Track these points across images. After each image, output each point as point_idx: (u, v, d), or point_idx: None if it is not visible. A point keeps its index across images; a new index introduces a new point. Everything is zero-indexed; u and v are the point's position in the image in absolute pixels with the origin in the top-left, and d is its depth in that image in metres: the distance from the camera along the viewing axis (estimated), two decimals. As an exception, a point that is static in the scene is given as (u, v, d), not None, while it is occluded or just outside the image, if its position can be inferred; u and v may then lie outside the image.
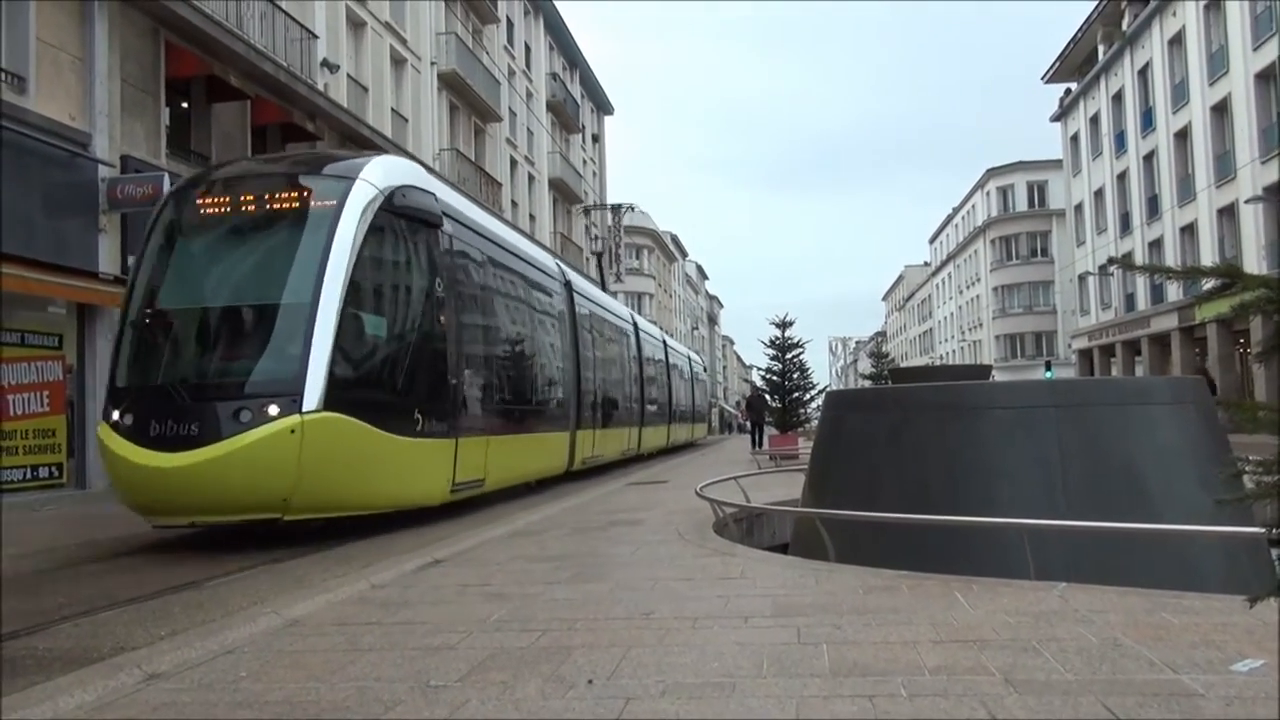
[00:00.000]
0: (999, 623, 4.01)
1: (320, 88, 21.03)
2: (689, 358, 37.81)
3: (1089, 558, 5.93)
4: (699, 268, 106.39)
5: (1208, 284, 2.43)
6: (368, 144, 22.46)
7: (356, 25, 24.57)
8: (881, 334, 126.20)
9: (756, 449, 24.14)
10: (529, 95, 40.55)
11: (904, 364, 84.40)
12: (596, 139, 55.41)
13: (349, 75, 23.64)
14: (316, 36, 21.59)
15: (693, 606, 4.62)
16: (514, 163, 38.00)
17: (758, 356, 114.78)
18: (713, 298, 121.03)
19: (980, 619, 4.11)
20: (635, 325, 24.52)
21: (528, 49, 41.06)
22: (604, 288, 28.42)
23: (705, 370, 34.52)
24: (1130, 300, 42.00)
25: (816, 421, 32.16)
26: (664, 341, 30.52)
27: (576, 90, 49.02)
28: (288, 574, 6.60)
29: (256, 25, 19.14)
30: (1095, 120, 45.76)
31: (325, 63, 21.93)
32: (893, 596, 4.69)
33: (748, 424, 33.16)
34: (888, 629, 3.99)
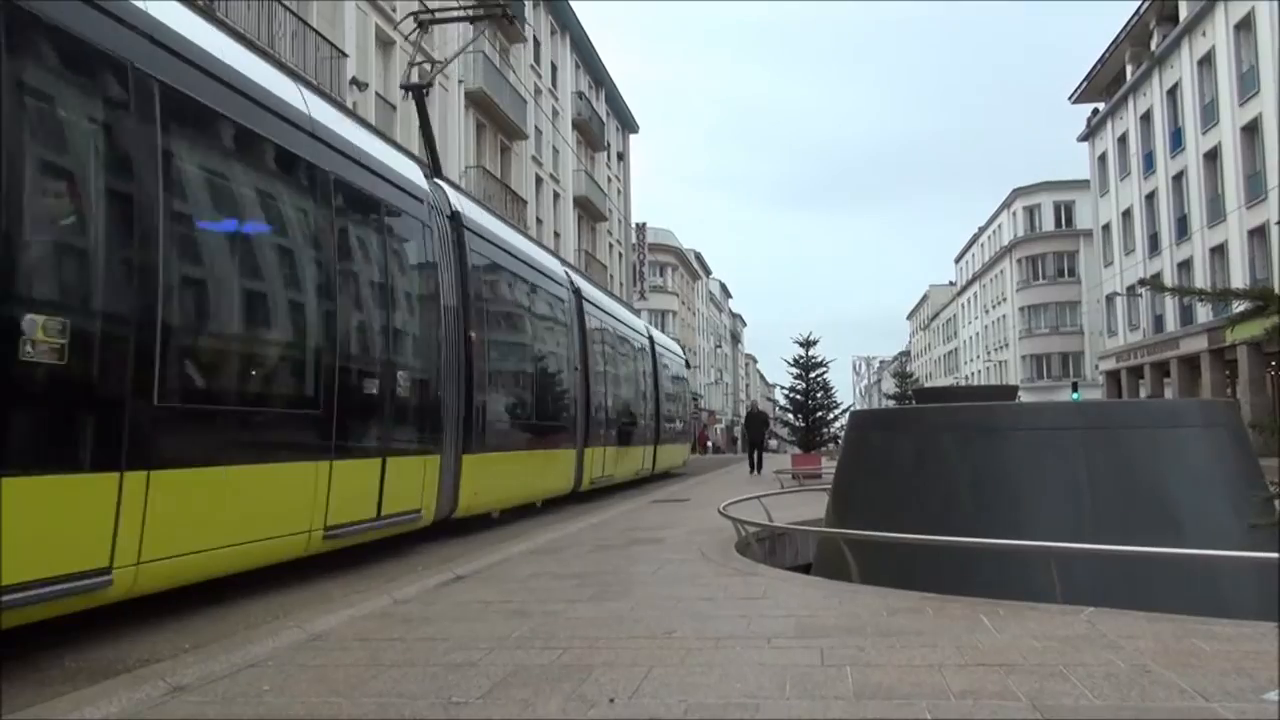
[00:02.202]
0: (1025, 647, 3.97)
1: (350, 106, 21.25)
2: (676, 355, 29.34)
3: (1117, 582, 5.85)
4: (722, 286, 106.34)
5: (1239, 306, 2.41)
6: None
7: (385, 44, 24.86)
8: (906, 353, 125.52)
9: (755, 471, 22.06)
10: (555, 113, 40.82)
11: (928, 384, 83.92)
12: (621, 157, 55.63)
13: (377, 93, 23.90)
14: (346, 55, 21.85)
15: (715, 626, 4.59)
16: (539, 180, 38.22)
17: (781, 375, 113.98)
18: (736, 316, 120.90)
19: (1006, 643, 4.06)
20: (651, 338, 22.51)
21: (554, 68, 41.36)
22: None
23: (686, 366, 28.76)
24: (1159, 321, 41.56)
25: (840, 441, 32.02)
26: (677, 353, 27.43)
27: (602, 108, 49.28)
28: (310, 588, 6.62)
29: (288, 44, 19.40)
30: (1123, 140, 45.45)
31: (354, 81, 22.19)
32: (917, 619, 4.64)
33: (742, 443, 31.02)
34: (912, 652, 3.95)
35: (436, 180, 10.02)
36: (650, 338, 22.65)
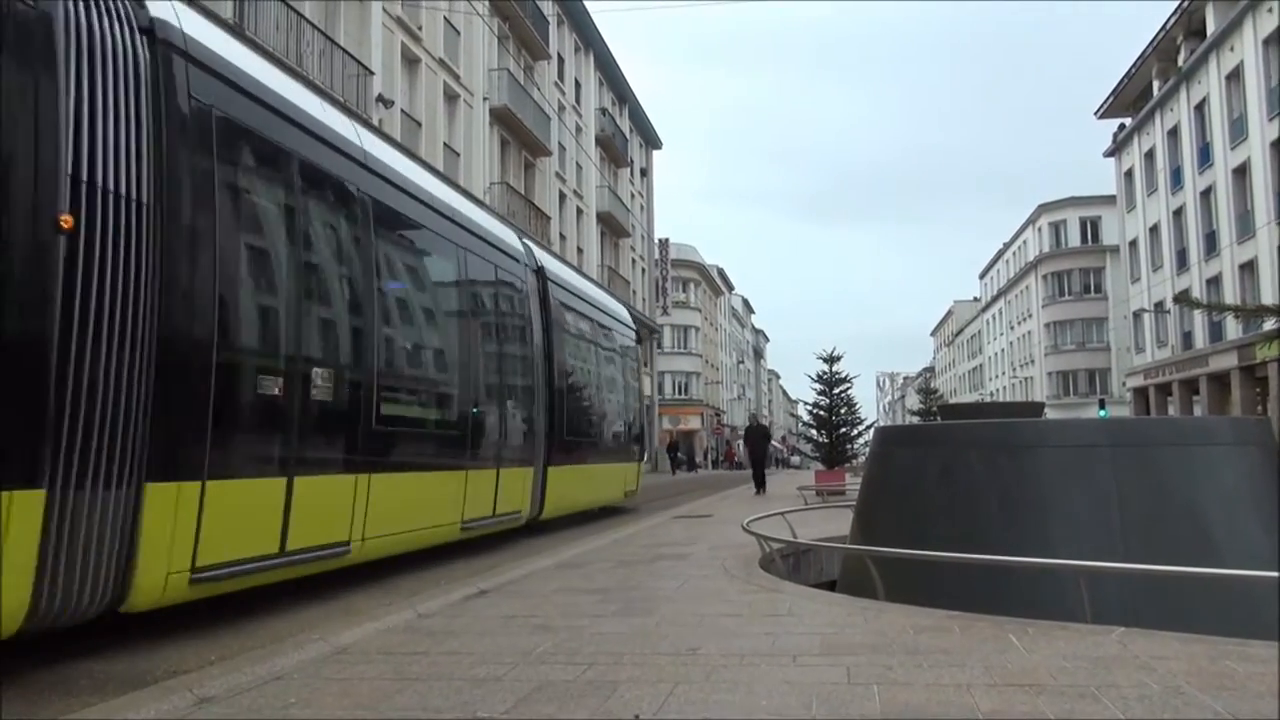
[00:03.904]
0: (1055, 667, 3.91)
1: (375, 123, 21.47)
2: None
3: (1148, 602, 5.77)
4: (745, 301, 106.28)
5: (1269, 322, 2.36)
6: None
7: (411, 62, 25.11)
8: (930, 369, 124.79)
9: (759, 491, 20.26)
10: (578, 130, 41.05)
11: (953, 400, 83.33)
12: (645, 173, 55.84)
13: (403, 110, 24.14)
14: (372, 73, 22.10)
15: (740, 643, 4.56)
16: (563, 196, 38.41)
17: (804, 391, 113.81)
18: (759, 331, 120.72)
19: (1036, 663, 4.01)
20: (637, 331, 18.59)
21: (578, 85, 41.62)
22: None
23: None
24: (1188, 338, 41.11)
25: (864, 457, 31.79)
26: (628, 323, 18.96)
27: (625, 125, 49.52)
28: (335, 602, 6.64)
29: (315, 62, 19.66)
30: (1150, 156, 45.11)
31: (380, 98, 22.42)
32: (944, 637, 4.59)
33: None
34: (940, 671, 3.91)
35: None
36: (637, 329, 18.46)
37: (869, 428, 23.36)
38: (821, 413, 22.64)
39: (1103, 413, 45.25)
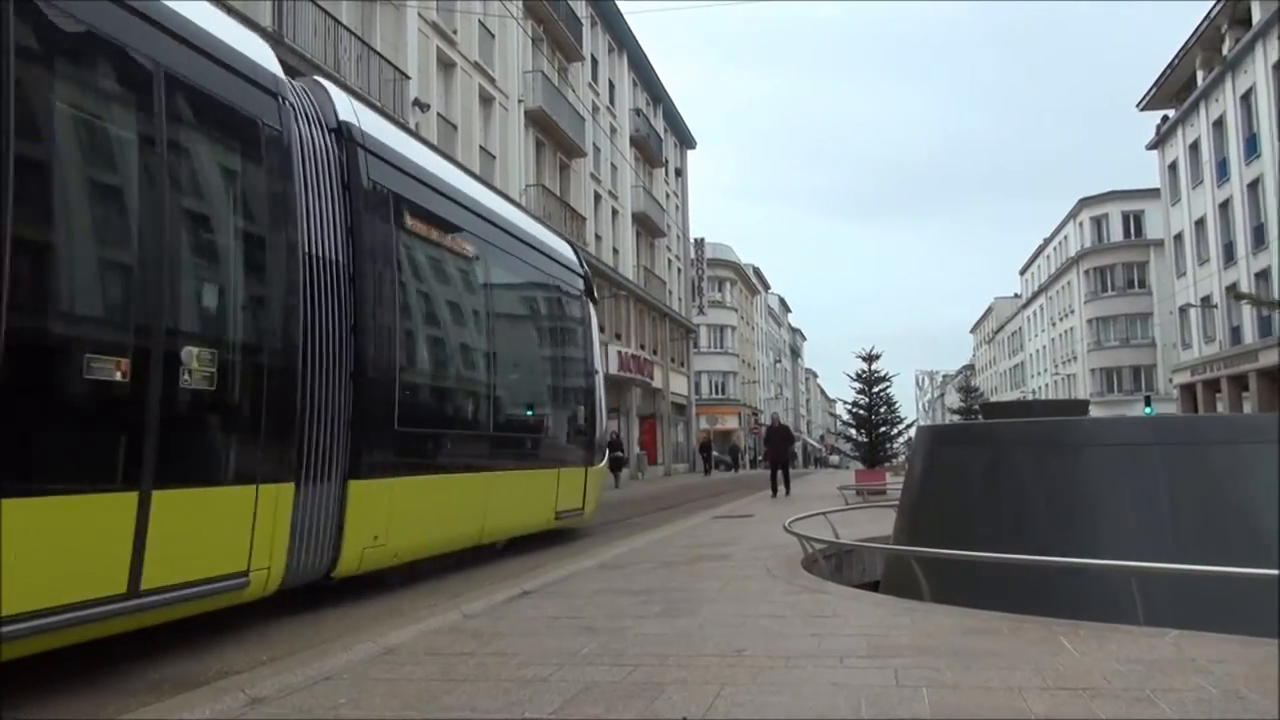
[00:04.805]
0: (1109, 670, 3.85)
1: (412, 126, 21.64)
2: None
3: (1203, 604, 5.65)
4: (781, 300, 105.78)
5: None
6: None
7: (447, 65, 25.28)
8: (970, 367, 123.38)
9: (780, 493, 19.03)
10: (613, 131, 41.10)
11: (994, 398, 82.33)
12: (679, 173, 55.77)
13: (439, 114, 24.30)
14: (409, 77, 22.28)
15: (785, 645, 4.54)
16: (598, 197, 38.48)
17: (842, 390, 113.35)
18: (796, 330, 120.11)
19: (1089, 665, 3.94)
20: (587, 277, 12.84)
21: (611, 86, 41.67)
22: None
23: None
24: (1236, 333, 40.26)
25: (904, 456, 31.49)
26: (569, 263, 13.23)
27: (659, 125, 49.50)
28: (380, 603, 6.70)
29: (352, 67, 19.85)
30: (1195, 147, 44.25)
31: (417, 102, 22.60)
32: (993, 639, 4.54)
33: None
34: (989, 673, 3.86)
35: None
36: (546, 248, 11.72)
37: (909, 426, 23.16)
38: (861, 411, 22.49)
39: (1149, 410, 44.50)
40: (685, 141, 56.77)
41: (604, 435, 13.46)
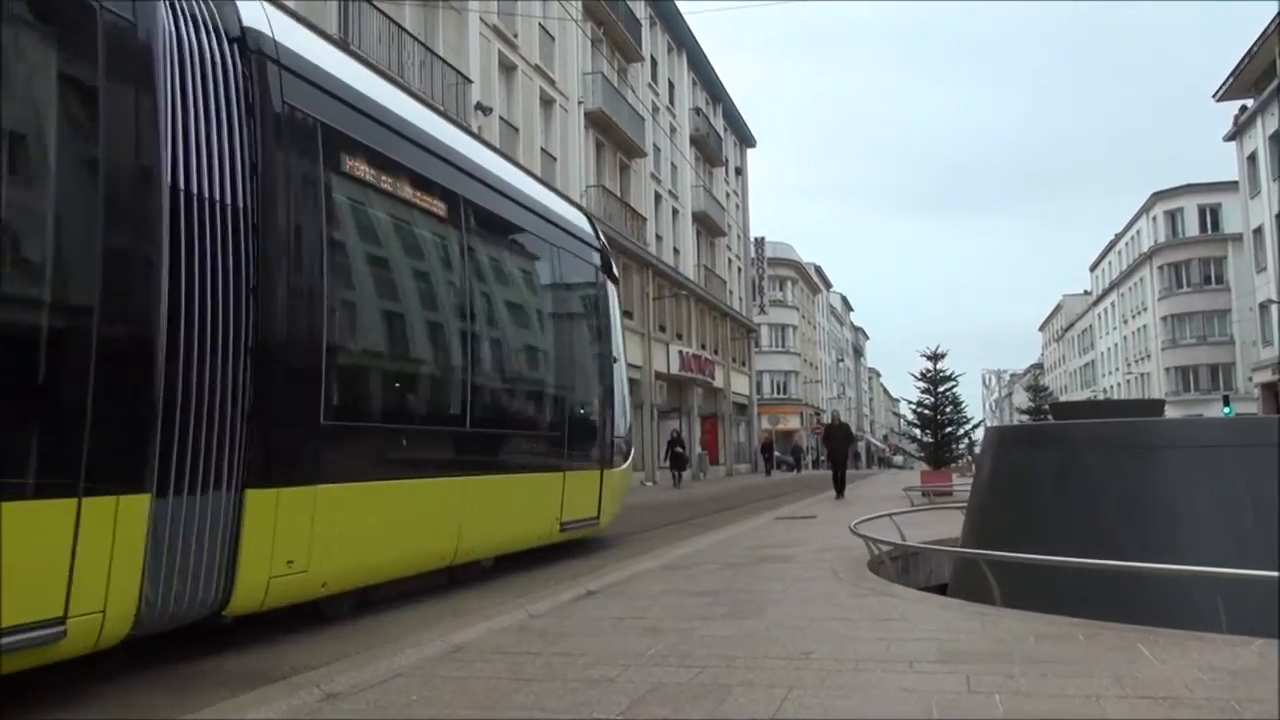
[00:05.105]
0: (1190, 679, 3.74)
1: (474, 130, 21.90)
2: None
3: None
4: (843, 299, 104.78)
5: None
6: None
7: (508, 69, 25.53)
8: (1038, 366, 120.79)
9: (840, 496, 18.51)
10: (672, 130, 41.09)
11: (1063, 398, 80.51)
12: (739, 171, 55.57)
13: (501, 117, 24.55)
14: (471, 81, 22.54)
15: (853, 648, 4.49)
16: (658, 197, 38.51)
17: (906, 389, 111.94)
18: (858, 329, 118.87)
19: (1169, 674, 3.83)
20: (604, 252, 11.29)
21: (671, 85, 41.68)
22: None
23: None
24: (1320, 330, 38.78)
25: (970, 457, 30.94)
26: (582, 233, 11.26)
27: (719, 124, 49.36)
28: (444, 602, 6.79)
29: (416, 73, 20.16)
30: (1276, 138, 42.72)
31: (479, 106, 22.86)
32: (1068, 645, 4.43)
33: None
34: (1065, 680, 3.78)
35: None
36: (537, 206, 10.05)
37: (975, 427, 22.78)
38: (926, 411, 22.20)
39: (1227, 410, 43.10)
40: (745, 140, 56.52)
41: (626, 433, 11.55)
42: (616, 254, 32.01)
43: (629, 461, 11.73)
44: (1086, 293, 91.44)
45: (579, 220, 10.68)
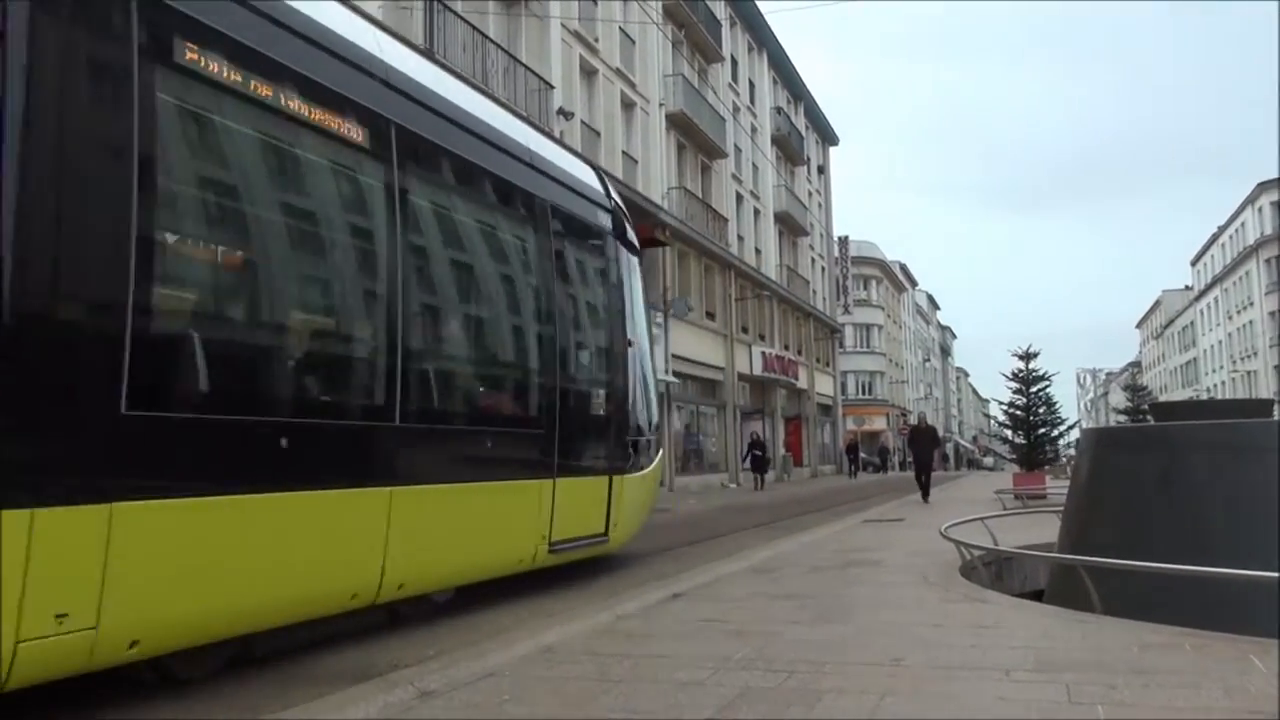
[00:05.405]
0: (1309, 694, 3.56)
1: (556, 135, 22.13)
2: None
3: None
4: (929, 297, 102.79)
5: None
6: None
7: (589, 73, 25.74)
8: (1136, 365, 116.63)
9: (925, 500, 17.95)
10: (753, 130, 40.88)
11: (1163, 397, 77.57)
12: (821, 170, 54.98)
13: (582, 121, 24.76)
14: (553, 86, 22.80)
15: (945, 655, 4.41)
16: (739, 198, 38.36)
17: (996, 389, 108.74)
18: (945, 328, 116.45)
19: (1285, 688, 3.66)
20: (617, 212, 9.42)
21: (752, 85, 41.47)
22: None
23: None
24: None
25: (1065, 459, 30.01)
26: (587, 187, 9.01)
27: (801, 122, 48.93)
28: (529, 603, 6.85)
29: (500, 79, 20.48)
30: (1394, 122, 40.43)
31: (561, 110, 23.10)
32: (1174, 656, 4.27)
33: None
34: (1172, 692, 3.64)
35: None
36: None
37: (1070, 428, 22.12)
38: (1018, 412, 21.65)
39: (1342, 409, 40.92)
40: (827, 138, 55.90)
41: (650, 430, 9.53)
42: (698, 255, 32.09)
43: (655, 465, 9.74)
44: (1187, 288, 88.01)
45: (583, 175, 8.86)
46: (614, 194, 9.35)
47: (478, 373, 6.93)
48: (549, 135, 9.80)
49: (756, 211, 40.66)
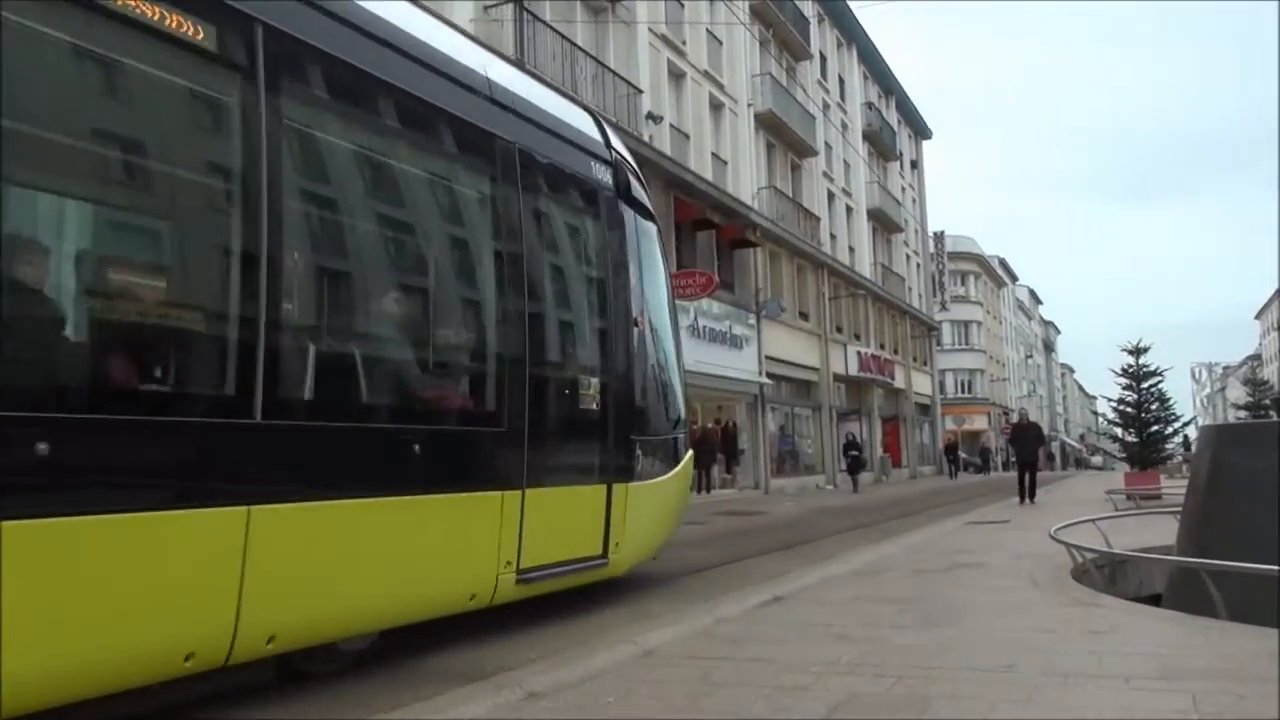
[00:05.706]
0: None
1: (646, 139, 22.22)
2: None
3: None
4: (1031, 292, 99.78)
5: None
6: (690, 189, 23.85)
7: (677, 76, 25.78)
8: (1255, 358, 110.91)
9: (1025, 501, 17.25)
10: (844, 127, 40.34)
11: (1286, 391, 73.60)
12: (914, 165, 53.91)
13: (671, 124, 24.80)
14: (641, 91, 22.90)
15: (1060, 661, 4.26)
16: (831, 196, 37.89)
17: (1104, 386, 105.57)
18: (1048, 324, 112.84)
19: None
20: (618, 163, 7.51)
21: (841, 81, 40.93)
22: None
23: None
24: None
25: (1180, 458, 28.73)
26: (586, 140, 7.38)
27: (893, 117, 48.06)
28: (628, 605, 6.86)
29: (589, 86, 20.67)
30: None
31: (650, 115, 23.19)
32: (1309, 665, 4.04)
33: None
34: (1308, 703, 3.45)
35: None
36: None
37: (1185, 425, 21.20)
38: (1128, 409, 20.82)
39: None
40: (920, 132, 54.79)
41: (670, 429, 7.89)
42: (789, 255, 31.83)
43: (680, 470, 7.97)
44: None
45: (572, 119, 7.20)
46: (618, 145, 7.72)
47: (393, 355, 5.30)
48: (535, 75, 8.14)
49: (849, 209, 40.09)
